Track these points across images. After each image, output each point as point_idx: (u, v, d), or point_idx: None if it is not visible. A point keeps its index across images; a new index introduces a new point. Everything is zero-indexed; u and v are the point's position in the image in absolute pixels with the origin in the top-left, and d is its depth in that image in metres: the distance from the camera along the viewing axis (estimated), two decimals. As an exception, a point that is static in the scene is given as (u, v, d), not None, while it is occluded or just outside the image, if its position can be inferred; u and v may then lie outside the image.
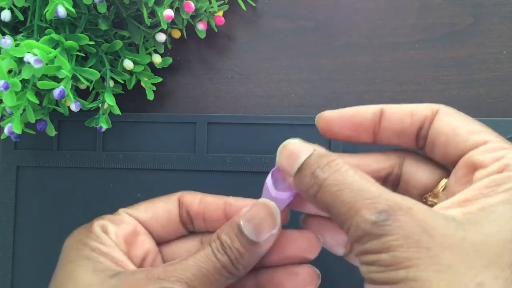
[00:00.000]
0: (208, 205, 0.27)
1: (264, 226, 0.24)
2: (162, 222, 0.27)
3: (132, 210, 0.27)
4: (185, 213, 0.27)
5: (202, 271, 0.22)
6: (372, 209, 0.19)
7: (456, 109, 0.23)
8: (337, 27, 0.36)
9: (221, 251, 0.23)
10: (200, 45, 0.37)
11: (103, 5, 0.31)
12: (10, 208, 0.36)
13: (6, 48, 0.28)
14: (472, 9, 0.35)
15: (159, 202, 0.27)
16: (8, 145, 0.37)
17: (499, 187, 0.19)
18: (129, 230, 0.26)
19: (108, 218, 0.26)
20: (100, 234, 0.24)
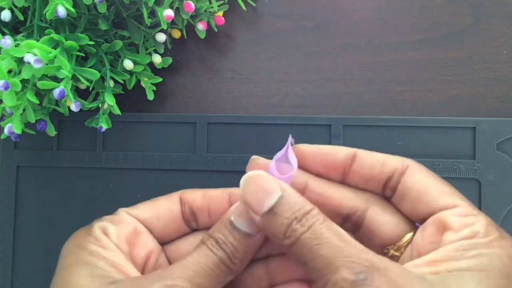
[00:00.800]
0: (211, 198, 0.26)
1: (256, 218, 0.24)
2: (164, 221, 0.26)
3: (132, 210, 0.26)
4: (188, 210, 0.27)
5: (202, 267, 0.22)
6: (350, 268, 0.20)
7: (425, 167, 0.25)
8: (337, 27, 0.36)
9: (217, 247, 0.23)
10: (200, 45, 0.37)
11: (103, 5, 0.31)
12: (10, 208, 0.36)
13: (6, 48, 0.28)
14: (472, 9, 0.35)
15: (160, 201, 0.27)
16: (8, 145, 0.37)
17: (468, 252, 0.20)
18: (129, 230, 0.25)
19: (107, 219, 0.25)
20: (100, 236, 0.24)
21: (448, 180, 0.33)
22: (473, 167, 0.33)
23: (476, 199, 0.33)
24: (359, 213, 0.25)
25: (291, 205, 0.22)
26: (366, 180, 0.25)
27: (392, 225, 0.24)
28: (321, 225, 0.21)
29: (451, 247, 0.21)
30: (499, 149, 0.33)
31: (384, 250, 0.24)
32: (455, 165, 0.33)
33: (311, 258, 0.21)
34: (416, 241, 0.23)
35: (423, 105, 0.35)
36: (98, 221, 0.25)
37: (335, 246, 0.20)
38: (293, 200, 0.22)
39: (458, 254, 0.20)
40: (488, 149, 0.33)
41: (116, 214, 0.26)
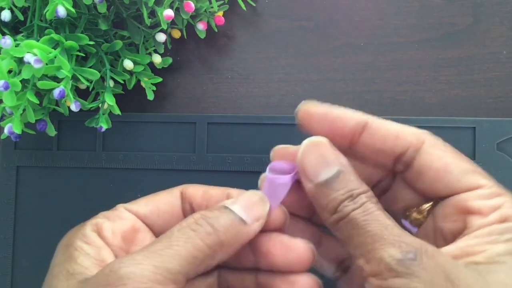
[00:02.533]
0: (211, 197, 0.26)
1: (253, 207, 0.23)
2: (164, 217, 0.25)
3: (131, 205, 0.25)
4: (189, 206, 0.26)
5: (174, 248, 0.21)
6: (399, 247, 0.19)
7: (442, 141, 0.23)
8: (337, 27, 0.36)
9: (201, 221, 0.22)
10: (200, 45, 0.37)
11: (103, 5, 0.31)
12: (10, 208, 0.36)
13: (6, 48, 0.28)
14: (472, 9, 0.35)
15: (160, 196, 0.26)
16: (8, 145, 0.37)
17: (502, 236, 0.20)
18: (127, 226, 0.24)
19: (104, 215, 0.24)
20: (88, 233, 0.23)
21: (448, 180, 0.33)
22: (473, 167, 0.33)
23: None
24: (387, 180, 0.24)
25: (348, 182, 0.21)
26: (376, 152, 0.23)
27: (414, 193, 0.23)
28: (373, 205, 0.21)
29: (482, 233, 0.20)
30: (499, 149, 0.33)
31: (405, 213, 0.24)
32: (455, 165, 0.33)
33: (358, 234, 0.20)
34: (437, 215, 0.22)
35: (423, 105, 0.35)
36: (94, 218, 0.24)
37: (385, 224, 0.20)
38: (351, 178, 0.22)
39: (492, 239, 0.20)
40: (488, 149, 0.33)
41: (115, 210, 0.25)
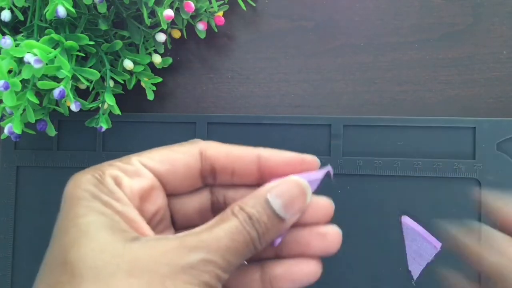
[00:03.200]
0: (237, 159, 0.25)
1: (294, 203, 0.23)
2: (180, 177, 0.24)
3: (147, 160, 0.24)
4: (208, 167, 0.25)
5: (235, 243, 0.21)
6: None
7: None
8: (337, 27, 0.36)
9: (250, 224, 0.22)
10: (200, 45, 0.37)
11: (103, 5, 0.31)
12: (10, 208, 0.36)
13: (6, 48, 0.28)
14: (472, 9, 0.35)
15: (178, 154, 0.24)
16: (8, 145, 0.37)
17: None
18: (145, 185, 0.23)
19: (120, 168, 0.23)
20: (113, 188, 0.21)
21: (448, 180, 0.33)
22: (473, 167, 0.33)
23: (476, 199, 0.33)
24: None
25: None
26: None
27: None
28: None
29: None
30: (499, 149, 0.33)
31: None
32: (455, 165, 0.33)
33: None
34: None
35: (423, 105, 0.35)
36: (109, 168, 0.22)
37: None
38: None
39: None
40: (488, 149, 0.33)
41: (130, 164, 0.23)
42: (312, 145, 0.34)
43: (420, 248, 0.33)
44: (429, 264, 0.33)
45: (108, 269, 0.19)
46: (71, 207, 0.21)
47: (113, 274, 0.19)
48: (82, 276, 0.18)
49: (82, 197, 0.21)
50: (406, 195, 0.33)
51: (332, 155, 0.34)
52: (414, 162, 0.33)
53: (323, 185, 0.34)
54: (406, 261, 0.33)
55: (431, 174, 0.33)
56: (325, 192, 0.34)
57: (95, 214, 0.20)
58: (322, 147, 0.34)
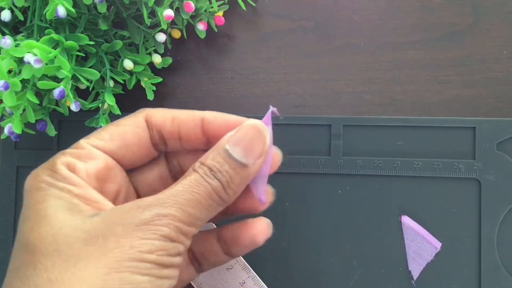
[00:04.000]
0: (182, 123, 0.25)
1: (254, 147, 0.23)
2: (133, 149, 0.24)
3: (97, 141, 0.24)
4: (157, 135, 0.25)
5: (194, 195, 0.21)
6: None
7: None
8: (337, 27, 0.36)
9: (211, 175, 0.22)
10: (200, 45, 0.37)
11: (103, 5, 0.31)
12: (10, 208, 0.36)
13: (6, 48, 0.28)
14: (472, 9, 0.35)
15: (125, 127, 0.24)
16: (8, 145, 0.37)
17: None
18: (100, 166, 0.23)
19: (72, 154, 0.23)
20: (67, 174, 0.21)
21: (448, 180, 0.33)
22: (473, 167, 0.33)
23: (476, 199, 0.33)
24: None
25: None
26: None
27: None
28: None
29: None
30: (499, 149, 0.33)
31: None
32: (455, 165, 0.33)
33: None
34: None
35: (423, 105, 0.35)
36: (61, 157, 0.22)
37: None
38: None
39: None
40: (488, 149, 0.33)
41: (81, 148, 0.23)
42: (312, 145, 0.34)
43: (420, 248, 0.33)
44: (429, 264, 0.33)
45: (66, 243, 0.19)
46: (30, 198, 0.21)
47: (71, 246, 0.19)
48: (42, 253, 0.19)
49: (39, 187, 0.21)
50: (406, 195, 0.33)
51: (332, 155, 0.34)
52: (414, 162, 0.33)
53: (323, 183, 0.35)
54: (406, 261, 0.33)
55: (431, 174, 0.33)
56: (326, 192, 0.34)
57: (53, 199, 0.20)
58: (322, 147, 0.34)
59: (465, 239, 0.33)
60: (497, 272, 0.32)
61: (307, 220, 0.34)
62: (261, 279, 0.31)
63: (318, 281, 0.34)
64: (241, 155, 0.22)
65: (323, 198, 0.34)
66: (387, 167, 0.34)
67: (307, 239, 0.34)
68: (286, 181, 0.34)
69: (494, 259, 0.32)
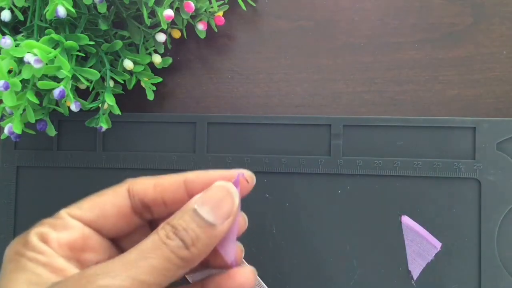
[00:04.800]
0: (165, 188, 0.25)
1: (222, 207, 0.22)
2: (112, 220, 0.24)
3: (75, 210, 0.24)
4: (139, 203, 0.25)
5: (148, 261, 0.20)
6: None
7: None
8: (337, 27, 0.36)
9: (172, 235, 0.21)
10: (200, 45, 0.37)
11: (103, 5, 0.31)
12: (10, 208, 0.36)
13: (6, 48, 0.28)
14: (472, 9, 0.35)
15: (105, 196, 0.25)
16: (8, 145, 0.37)
17: None
18: (75, 235, 0.23)
19: (48, 224, 0.23)
20: (37, 244, 0.22)
21: (448, 180, 0.33)
22: (473, 167, 0.33)
23: (476, 199, 0.33)
24: None
25: None
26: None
27: None
28: None
29: None
30: (499, 149, 0.33)
31: None
32: (455, 165, 0.33)
33: None
34: None
35: (423, 105, 0.35)
36: (37, 226, 0.23)
37: None
38: None
39: None
40: (488, 149, 0.33)
41: (59, 218, 0.24)
42: (312, 145, 0.34)
43: (420, 248, 0.33)
44: (429, 264, 0.33)
45: None
46: (3, 269, 0.22)
47: None
48: None
49: (11, 258, 0.22)
50: (406, 195, 0.33)
51: (332, 155, 0.34)
52: (414, 162, 0.33)
53: (323, 183, 0.35)
54: (406, 261, 0.33)
55: (431, 174, 0.33)
56: (326, 192, 0.34)
57: (19, 271, 0.21)
58: (322, 147, 0.34)
59: (465, 239, 0.33)
60: (497, 272, 0.32)
61: (307, 220, 0.34)
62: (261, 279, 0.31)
63: (318, 281, 0.34)
64: (209, 215, 0.22)
65: (323, 198, 0.34)
66: (387, 167, 0.34)
67: (307, 239, 0.34)
68: (286, 181, 0.34)
69: (494, 259, 0.32)
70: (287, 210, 0.34)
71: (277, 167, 0.34)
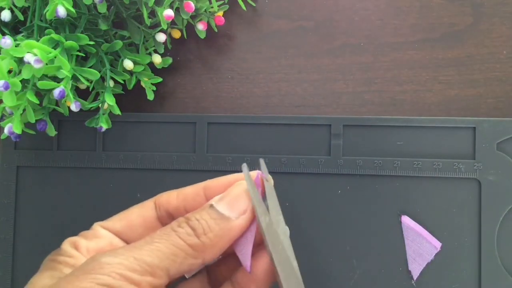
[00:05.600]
0: (186, 196, 0.26)
1: (238, 202, 0.23)
2: (138, 230, 0.26)
3: (107, 223, 0.26)
4: (165, 213, 0.26)
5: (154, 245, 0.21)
6: None
7: None
8: (337, 27, 0.36)
9: (183, 224, 0.22)
10: (200, 45, 0.37)
11: (103, 5, 0.31)
12: (10, 208, 0.36)
13: (6, 48, 0.28)
14: (472, 9, 0.35)
15: (133, 210, 0.27)
16: (8, 145, 0.37)
17: None
18: (103, 244, 0.25)
19: (81, 235, 0.26)
20: (68, 249, 0.24)
21: (448, 180, 0.33)
22: (473, 167, 0.33)
23: (476, 199, 0.33)
24: None
25: None
26: None
27: None
28: None
29: None
30: (499, 149, 0.33)
31: None
32: (455, 165, 0.33)
33: None
34: None
35: (423, 105, 0.35)
36: (72, 237, 0.25)
37: None
38: None
39: None
40: (488, 149, 0.33)
41: (91, 229, 0.26)
42: (312, 145, 0.34)
43: (420, 248, 0.33)
44: (429, 264, 0.33)
45: None
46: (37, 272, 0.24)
47: None
48: None
49: (45, 264, 0.24)
50: (406, 195, 0.33)
51: (332, 155, 0.34)
52: (414, 162, 0.33)
53: (323, 183, 0.35)
54: (406, 261, 0.33)
55: (431, 174, 0.33)
56: (326, 192, 0.34)
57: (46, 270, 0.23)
58: (322, 147, 0.34)
59: (465, 239, 0.33)
60: (497, 272, 0.32)
61: (307, 220, 0.34)
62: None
63: (318, 281, 0.34)
64: (224, 208, 0.23)
65: (323, 198, 0.34)
66: (387, 167, 0.34)
67: (307, 239, 0.34)
68: (286, 181, 0.34)
69: (494, 259, 0.32)
70: (287, 210, 0.34)
71: (277, 167, 0.34)
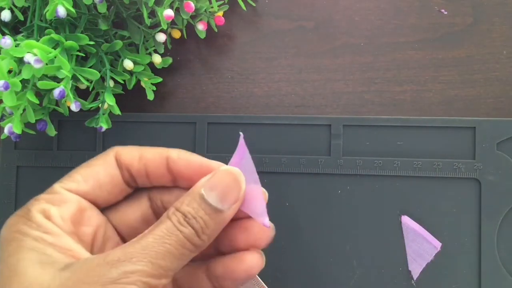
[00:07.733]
0: (148, 162, 0.25)
1: (229, 193, 0.23)
2: (106, 188, 0.24)
3: (70, 184, 0.24)
4: (127, 173, 0.25)
5: (166, 247, 0.21)
6: None
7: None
8: (337, 27, 0.36)
9: (184, 223, 0.22)
10: (200, 45, 0.37)
11: (103, 5, 0.31)
12: (10, 208, 0.36)
13: (6, 48, 0.28)
14: (472, 9, 0.35)
15: (96, 166, 0.25)
16: (8, 145, 0.37)
17: None
18: (74, 209, 0.23)
19: (46, 199, 0.23)
20: (42, 221, 0.21)
21: (448, 180, 0.33)
22: (473, 167, 0.33)
23: (476, 199, 0.33)
24: None
25: None
26: None
27: None
28: None
29: None
30: (499, 149, 0.33)
31: None
32: (455, 165, 0.33)
33: None
34: None
35: (423, 105, 0.35)
36: (35, 203, 0.22)
37: None
38: None
39: None
40: (488, 149, 0.33)
41: (55, 193, 0.23)
42: (312, 145, 0.34)
43: (420, 248, 0.33)
44: (429, 264, 0.33)
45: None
46: (3, 250, 0.21)
47: None
48: None
49: (13, 238, 0.21)
50: (406, 195, 0.33)
51: (332, 155, 0.34)
52: (414, 162, 0.33)
53: (323, 183, 0.34)
54: (406, 261, 0.33)
55: (431, 174, 0.33)
56: (326, 192, 0.34)
57: (25, 251, 0.20)
58: (322, 147, 0.34)
59: (465, 239, 0.33)
60: (497, 272, 0.32)
61: (307, 220, 0.34)
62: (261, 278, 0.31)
63: (318, 281, 0.34)
64: (216, 201, 0.22)
65: (323, 198, 0.34)
66: (387, 167, 0.34)
67: (307, 239, 0.34)
68: (286, 181, 0.34)
69: (494, 259, 0.32)
70: (287, 210, 0.34)
71: (277, 167, 0.34)
